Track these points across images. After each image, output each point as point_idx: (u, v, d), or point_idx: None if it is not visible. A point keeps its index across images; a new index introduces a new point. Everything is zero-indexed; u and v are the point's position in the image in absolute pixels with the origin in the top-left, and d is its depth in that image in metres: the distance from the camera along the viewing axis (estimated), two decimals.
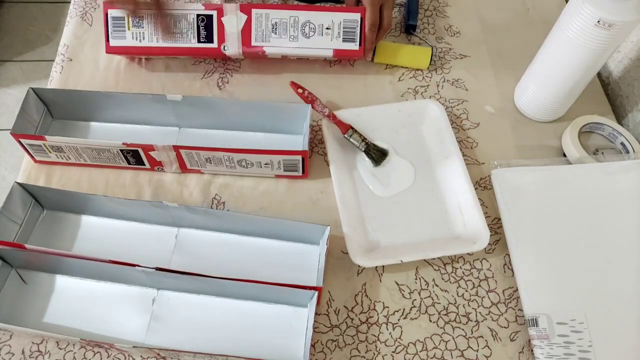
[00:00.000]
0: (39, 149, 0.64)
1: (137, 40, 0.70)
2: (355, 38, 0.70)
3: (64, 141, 0.62)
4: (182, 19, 0.69)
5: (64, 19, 1.63)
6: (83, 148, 0.63)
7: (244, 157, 0.62)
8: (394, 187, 0.66)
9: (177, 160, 0.64)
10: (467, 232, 0.62)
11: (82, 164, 0.66)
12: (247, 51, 0.71)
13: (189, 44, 0.70)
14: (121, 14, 0.70)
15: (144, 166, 0.66)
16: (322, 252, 0.57)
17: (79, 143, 0.62)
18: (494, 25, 0.84)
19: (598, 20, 0.57)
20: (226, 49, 0.71)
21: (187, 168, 0.66)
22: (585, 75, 0.65)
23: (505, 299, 0.60)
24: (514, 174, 0.64)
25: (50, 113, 0.69)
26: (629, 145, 0.67)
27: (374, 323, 0.58)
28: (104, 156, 0.64)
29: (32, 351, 0.55)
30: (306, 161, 0.63)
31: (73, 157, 0.65)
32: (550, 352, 0.54)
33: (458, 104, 0.75)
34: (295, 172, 0.65)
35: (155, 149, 0.62)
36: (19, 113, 0.63)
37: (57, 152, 0.64)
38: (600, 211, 0.62)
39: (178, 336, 0.56)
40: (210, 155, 0.62)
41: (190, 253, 0.61)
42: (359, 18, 0.69)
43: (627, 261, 0.59)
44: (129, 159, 0.64)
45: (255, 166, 0.64)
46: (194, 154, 0.62)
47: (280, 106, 0.65)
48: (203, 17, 0.69)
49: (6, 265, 0.58)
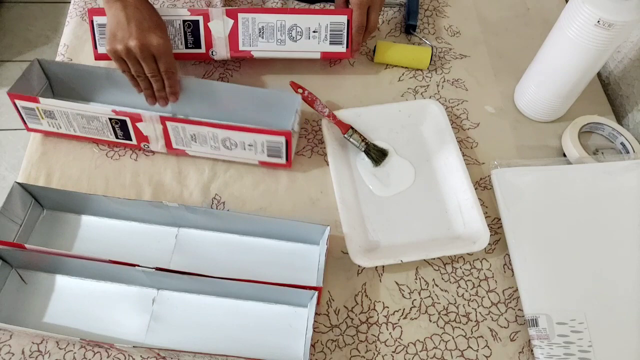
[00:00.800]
0: (32, 113, 0.64)
1: None
2: (342, 41, 0.70)
3: (56, 105, 0.63)
4: (168, 24, 0.69)
5: (64, 19, 1.63)
6: (74, 115, 0.63)
7: (228, 136, 0.62)
8: (394, 187, 0.66)
9: (163, 136, 0.64)
10: (467, 232, 0.62)
11: (72, 135, 0.67)
12: (235, 56, 0.71)
13: (177, 49, 0.70)
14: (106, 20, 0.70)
15: (131, 141, 0.66)
16: (322, 252, 0.57)
17: (70, 108, 0.63)
18: (494, 25, 0.84)
19: (598, 20, 0.57)
20: (214, 54, 0.71)
21: (173, 147, 0.66)
22: (585, 75, 0.65)
23: (505, 299, 0.60)
24: (514, 174, 0.64)
25: (51, 89, 0.70)
26: (629, 145, 0.67)
27: (374, 323, 0.58)
28: (93, 126, 0.64)
29: (32, 351, 0.55)
30: (290, 145, 0.62)
31: (64, 126, 0.65)
32: (550, 352, 0.54)
33: (458, 104, 0.75)
34: (279, 159, 0.65)
35: (143, 119, 0.62)
36: (20, 77, 0.65)
37: (49, 119, 0.65)
38: (600, 211, 0.62)
39: (178, 336, 0.56)
40: (196, 131, 0.62)
41: (190, 253, 0.61)
42: (345, 20, 0.69)
43: (627, 261, 0.59)
44: (116, 130, 0.65)
45: (239, 147, 0.64)
46: (180, 129, 0.63)
47: (272, 93, 0.66)
48: (189, 23, 0.69)
49: (6, 265, 0.58)
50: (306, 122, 0.72)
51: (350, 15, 0.68)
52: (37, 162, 0.68)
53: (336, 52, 0.71)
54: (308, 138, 0.71)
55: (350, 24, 0.69)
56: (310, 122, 0.72)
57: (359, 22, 0.69)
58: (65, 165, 0.67)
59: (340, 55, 0.71)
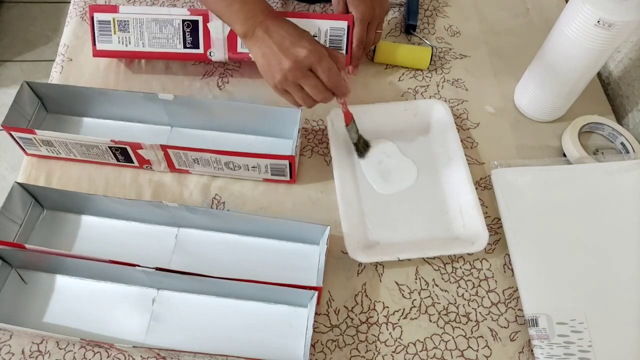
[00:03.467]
0: (30, 142, 0.64)
1: (123, 45, 0.70)
2: (342, 46, 0.69)
3: (53, 136, 0.62)
4: (167, 24, 0.69)
5: (64, 19, 1.63)
6: (72, 143, 0.63)
7: (231, 160, 0.62)
8: (396, 185, 0.66)
9: (165, 159, 0.64)
10: (466, 233, 0.62)
11: (73, 158, 0.67)
12: (233, 57, 0.70)
13: (175, 49, 0.70)
14: (107, 18, 0.69)
15: (133, 164, 0.66)
16: (322, 252, 0.57)
17: (68, 138, 0.62)
18: (494, 25, 0.84)
19: (598, 20, 0.57)
20: (212, 54, 0.70)
21: (176, 168, 0.66)
22: (585, 75, 0.65)
23: (505, 299, 0.60)
24: (514, 174, 0.64)
25: (44, 107, 0.70)
26: (629, 145, 0.67)
27: (374, 323, 0.58)
28: (93, 152, 0.64)
29: (32, 351, 0.55)
30: (294, 166, 0.63)
31: (63, 152, 0.65)
32: (550, 352, 0.54)
33: (458, 104, 0.75)
34: (283, 177, 0.65)
35: (143, 147, 0.62)
36: (12, 106, 0.64)
37: (47, 147, 0.64)
38: (600, 211, 0.62)
39: (178, 336, 0.56)
40: (198, 156, 0.62)
41: (190, 253, 0.61)
42: (345, 26, 0.68)
43: (627, 261, 0.59)
44: (117, 156, 0.64)
45: (243, 169, 0.64)
46: (182, 154, 0.62)
47: (272, 110, 0.65)
48: (189, 23, 0.69)
49: (6, 265, 0.58)
50: (306, 122, 0.72)
51: (351, 21, 0.68)
52: (37, 162, 0.68)
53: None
54: (308, 138, 0.71)
55: (350, 29, 0.68)
56: (310, 122, 0.72)
57: (360, 37, 0.68)
58: (65, 165, 0.67)
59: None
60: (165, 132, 0.70)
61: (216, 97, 0.74)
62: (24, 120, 0.67)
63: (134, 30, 0.70)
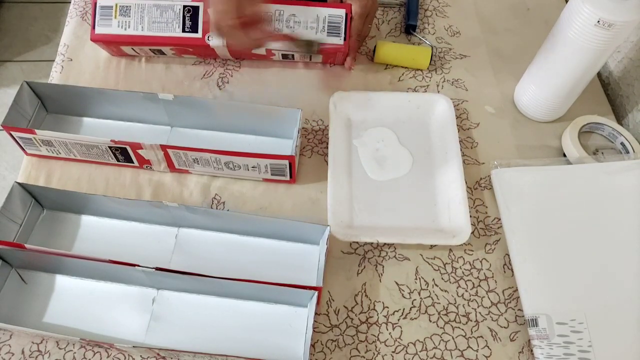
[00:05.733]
0: (30, 142, 0.64)
1: (122, 29, 0.70)
2: (340, 32, 0.70)
3: (53, 136, 0.62)
4: (168, 9, 0.69)
5: (64, 19, 1.63)
6: (72, 143, 0.63)
7: (231, 160, 0.62)
8: (389, 173, 0.67)
9: (165, 159, 0.64)
10: (450, 226, 0.62)
11: (73, 158, 0.67)
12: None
13: (173, 33, 0.70)
14: (110, 3, 0.70)
15: (133, 164, 0.66)
16: (322, 252, 0.57)
17: (68, 138, 0.62)
18: (494, 25, 0.84)
19: (598, 20, 0.57)
20: (210, 39, 0.70)
21: (176, 168, 0.66)
22: (585, 75, 0.65)
23: (505, 299, 0.60)
24: (513, 174, 0.64)
25: (44, 107, 0.70)
26: (629, 145, 0.67)
27: (373, 323, 0.58)
28: (93, 152, 0.64)
29: (32, 351, 0.55)
30: (293, 166, 0.63)
31: (63, 152, 0.65)
32: (550, 352, 0.54)
33: (458, 104, 0.75)
34: (283, 177, 0.65)
35: (143, 147, 0.62)
36: (12, 105, 0.64)
37: (47, 146, 0.64)
38: (600, 211, 0.62)
39: (178, 336, 0.56)
40: (198, 156, 0.62)
41: (190, 253, 0.61)
42: (344, 14, 0.69)
43: (627, 261, 0.59)
44: (117, 156, 0.64)
45: (243, 169, 0.64)
46: (182, 154, 0.62)
47: (272, 110, 0.65)
48: (190, 8, 0.70)
49: (6, 265, 0.58)
50: (306, 122, 0.72)
51: (349, 9, 0.69)
52: (37, 162, 0.68)
53: (333, 44, 0.70)
54: (308, 138, 0.71)
55: (348, 17, 0.69)
56: (310, 122, 0.72)
57: (359, 31, 0.70)
58: (65, 165, 0.67)
59: (337, 48, 0.70)
60: (165, 132, 0.70)
61: (216, 97, 0.74)
62: (24, 120, 0.67)
63: (135, 15, 0.70)
